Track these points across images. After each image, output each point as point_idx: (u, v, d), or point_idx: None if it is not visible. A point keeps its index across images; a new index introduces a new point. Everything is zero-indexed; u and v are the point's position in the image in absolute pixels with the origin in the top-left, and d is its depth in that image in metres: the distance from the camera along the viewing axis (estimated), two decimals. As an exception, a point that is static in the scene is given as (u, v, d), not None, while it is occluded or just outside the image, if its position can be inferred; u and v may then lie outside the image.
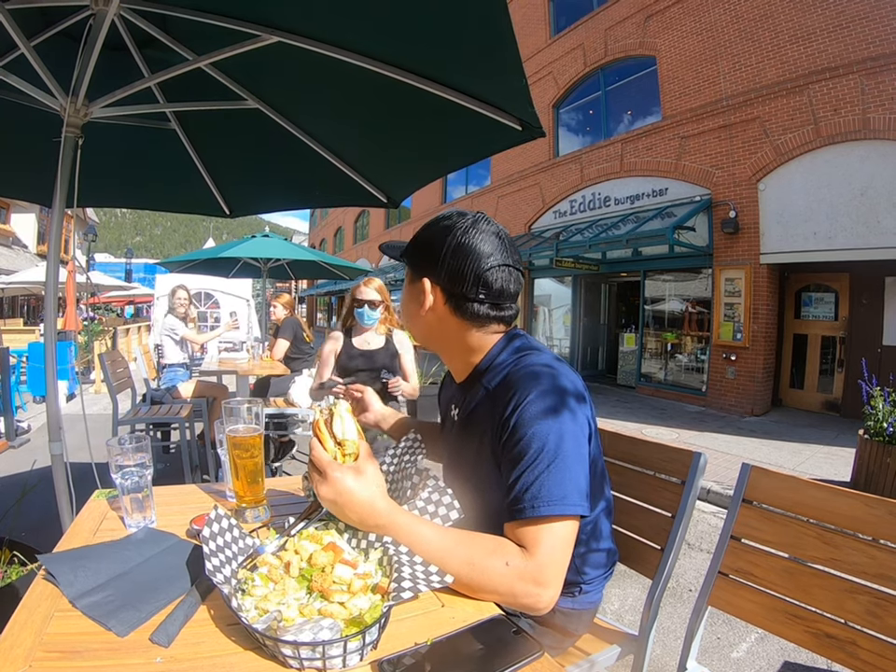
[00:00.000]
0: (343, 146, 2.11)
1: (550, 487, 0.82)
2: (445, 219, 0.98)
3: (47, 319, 1.76)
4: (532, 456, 0.83)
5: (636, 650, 1.18)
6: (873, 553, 0.94)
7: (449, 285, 0.95)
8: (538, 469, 0.83)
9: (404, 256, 1.04)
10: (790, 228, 6.79)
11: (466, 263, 0.93)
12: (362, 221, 23.14)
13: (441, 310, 0.97)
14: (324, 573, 0.71)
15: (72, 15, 1.57)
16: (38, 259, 18.30)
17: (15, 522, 2.05)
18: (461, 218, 0.97)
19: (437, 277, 0.96)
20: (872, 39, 5.89)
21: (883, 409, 3.82)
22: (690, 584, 2.68)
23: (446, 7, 1.20)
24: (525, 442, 0.84)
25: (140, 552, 0.86)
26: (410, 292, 1.02)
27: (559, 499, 0.81)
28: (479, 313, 0.96)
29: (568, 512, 0.82)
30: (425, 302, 0.97)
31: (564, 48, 10.51)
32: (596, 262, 9.59)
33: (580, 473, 0.85)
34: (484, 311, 0.96)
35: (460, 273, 0.93)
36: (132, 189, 2.60)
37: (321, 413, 0.85)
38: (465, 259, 0.93)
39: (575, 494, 0.83)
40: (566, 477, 0.83)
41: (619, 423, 6.09)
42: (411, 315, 1.04)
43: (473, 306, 0.95)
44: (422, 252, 0.99)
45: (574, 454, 0.85)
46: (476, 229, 0.94)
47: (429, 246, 0.97)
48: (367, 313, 2.69)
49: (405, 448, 1.03)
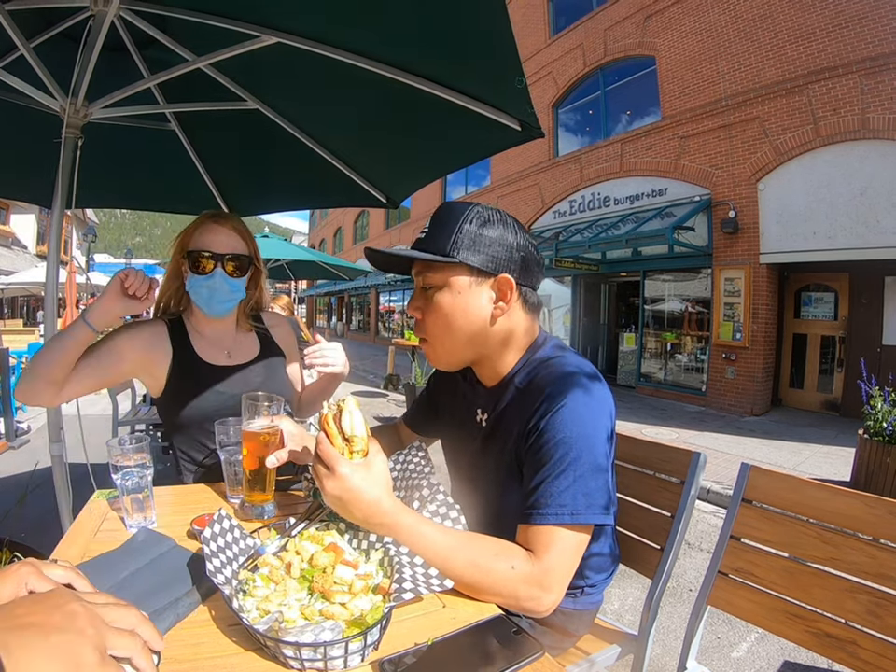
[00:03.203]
0: (343, 146, 2.11)
1: (576, 495, 0.81)
2: (488, 211, 0.92)
3: (46, 320, 1.76)
4: (558, 462, 0.83)
5: (635, 649, 1.18)
6: (872, 553, 0.94)
7: (523, 276, 0.93)
8: (564, 475, 0.82)
9: (462, 253, 0.89)
10: (789, 228, 6.80)
11: (531, 251, 0.93)
12: (362, 222, 23.13)
13: (514, 307, 0.94)
14: (325, 574, 0.71)
15: (71, 16, 1.57)
16: (38, 260, 18.30)
17: (15, 523, 2.05)
18: (486, 209, 0.93)
19: (514, 271, 0.92)
20: (871, 39, 5.90)
21: (882, 409, 3.82)
22: (690, 584, 2.68)
23: (445, 8, 1.20)
24: (553, 446, 0.83)
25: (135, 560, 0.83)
26: (471, 296, 0.91)
27: (585, 508, 0.81)
28: (537, 302, 0.96)
29: (593, 521, 0.82)
30: (508, 301, 0.91)
31: (563, 48, 10.51)
32: (596, 262, 9.59)
33: (603, 483, 0.84)
34: (538, 298, 0.96)
35: (531, 262, 0.93)
36: (131, 189, 2.60)
37: (329, 407, 0.82)
38: (529, 248, 0.93)
39: (599, 503, 0.82)
40: (592, 486, 0.82)
41: (619, 423, 6.01)
42: (468, 323, 0.92)
43: (536, 296, 0.95)
44: (489, 246, 0.90)
45: (600, 463, 0.84)
46: (510, 218, 0.94)
47: (496, 239, 0.90)
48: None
49: (410, 458, 1.00)
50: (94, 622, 0.42)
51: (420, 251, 0.91)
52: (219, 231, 1.32)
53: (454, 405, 1.12)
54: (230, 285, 1.31)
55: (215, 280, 1.29)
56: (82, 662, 0.38)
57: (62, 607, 0.41)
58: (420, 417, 1.27)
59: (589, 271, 9.78)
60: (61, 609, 0.41)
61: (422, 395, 1.28)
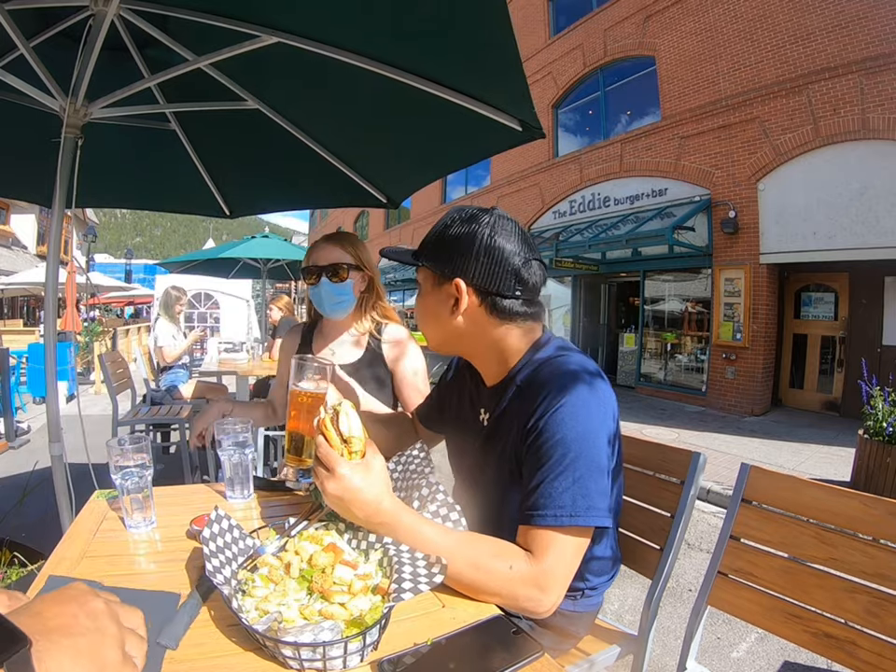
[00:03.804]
0: (343, 146, 2.11)
1: (575, 497, 0.80)
2: (466, 216, 0.93)
3: (46, 320, 1.76)
4: (557, 462, 0.82)
5: (635, 650, 1.18)
6: (872, 553, 0.94)
7: (485, 283, 0.91)
8: (564, 476, 0.81)
9: (423, 259, 0.97)
10: (789, 228, 6.80)
11: (501, 259, 0.90)
12: (362, 222, 23.14)
13: (476, 311, 0.93)
14: (324, 574, 0.71)
15: (71, 15, 1.57)
16: (38, 260, 18.30)
17: (15, 523, 2.05)
18: (483, 214, 0.93)
19: (470, 277, 0.91)
20: (871, 39, 5.90)
21: (883, 409, 3.83)
22: (689, 584, 2.68)
23: (446, 8, 1.20)
24: (552, 446, 0.83)
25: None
26: (434, 297, 0.96)
27: (584, 510, 0.80)
28: (515, 310, 0.93)
29: (591, 524, 0.81)
30: (459, 305, 0.92)
31: (563, 48, 10.52)
32: (596, 262, 9.59)
33: (603, 485, 0.84)
34: (520, 308, 0.94)
35: (497, 270, 0.90)
36: (131, 189, 2.60)
37: (326, 412, 0.84)
38: (500, 254, 0.90)
39: (599, 506, 0.82)
40: (591, 488, 0.81)
41: (619, 423, 6.06)
42: (436, 321, 0.98)
43: (510, 303, 0.93)
44: (450, 252, 0.93)
45: (600, 464, 0.83)
46: (500, 224, 0.92)
47: (458, 245, 0.92)
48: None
49: (410, 459, 1.00)
50: (114, 619, 0.42)
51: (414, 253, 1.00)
52: (323, 247, 1.54)
53: (460, 404, 1.14)
54: (334, 290, 1.50)
55: (321, 287, 1.50)
56: (107, 661, 0.39)
57: (84, 605, 0.42)
58: (429, 412, 1.28)
59: (589, 271, 9.78)
60: (84, 608, 0.41)
61: (433, 391, 1.30)
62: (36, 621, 0.38)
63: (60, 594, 0.43)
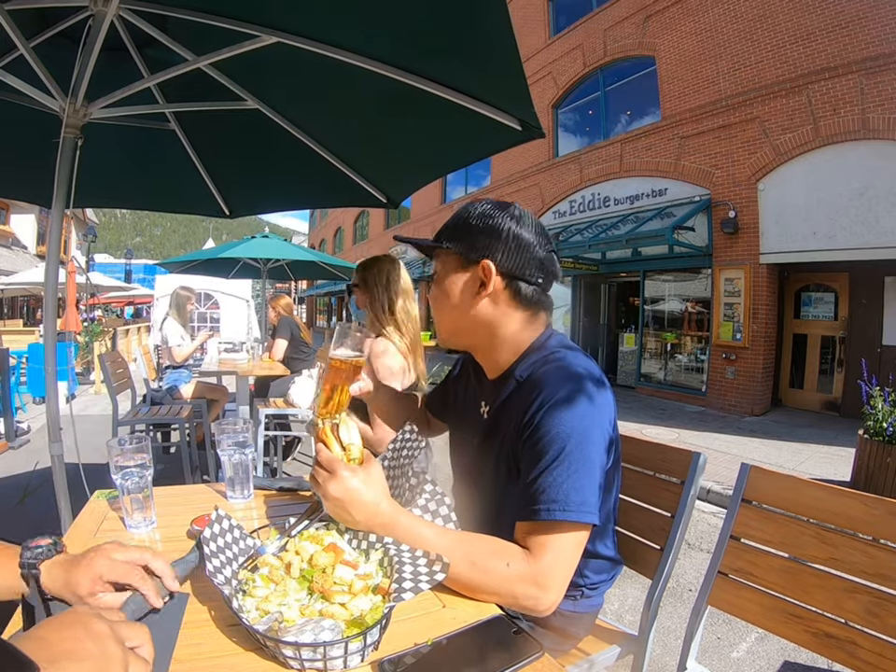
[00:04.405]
0: (343, 146, 2.11)
1: (568, 492, 0.80)
2: (492, 205, 0.96)
3: (46, 320, 1.76)
4: (552, 457, 0.82)
5: (635, 650, 1.18)
6: (872, 553, 0.94)
7: (511, 267, 0.93)
8: (557, 471, 0.81)
9: (451, 240, 0.97)
10: (789, 228, 6.80)
11: (528, 246, 0.93)
12: (362, 222, 23.13)
13: (499, 295, 0.94)
14: (325, 574, 0.71)
15: (71, 16, 1.57)
16: (38, 260, 18.29)
17: (15, 523, 2.05)
18: (508, 205, 0.96)
19: (498, 259, 0.93)
20: (871, 39, 5.90)
21: (883, 409, 3.82)
22: (690, 584, 2.68)
23: (446, 7, 1.20)
24: (546, 442, 0.83)
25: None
26: (458, 279, 0.97)
27: (577, 505, 0.80)
28: (535, 298, 0.96)
29: (584, 520, 0.81)
30: (487, 286, 0.93)
31: (563, 48, 10.51)
32: (596, 262, 9.59)
33: (597, 481, 0.84)
34: (539, 296, 0.96)
35: (525, 255, 0.93)
36: (131, 189, 2.60)
37: (324, 421, 0.86)
38: (526, 242, 0.93)
39: (590, 502, 0.81)
40: (585, 484, 0.81)
41: (619, 423, 6.06)
42: (455, 306, 0.98)
43: (532, 290, 0.95)
44: (478, 235, 0.94)
45: (594, 460, 0.84)
46: (526, 215, 0.95)
47: (488, 229, 0.93)
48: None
49: (402, 441, 0.99)
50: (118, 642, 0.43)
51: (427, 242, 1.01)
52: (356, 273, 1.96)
53: (465, 397, 1.15)
54: (352, 305, 2.02)
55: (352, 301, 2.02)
56: None
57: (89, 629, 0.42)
58: (436, 400, 1.30)
59: (589, 271, 9.78)
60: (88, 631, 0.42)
61: (445, 379, 1.31)
62: (42, 646, 0.39)
63: (64, 617, 0.44)
